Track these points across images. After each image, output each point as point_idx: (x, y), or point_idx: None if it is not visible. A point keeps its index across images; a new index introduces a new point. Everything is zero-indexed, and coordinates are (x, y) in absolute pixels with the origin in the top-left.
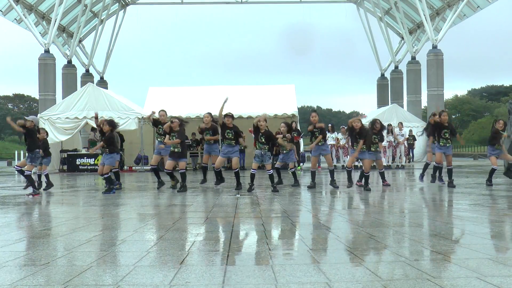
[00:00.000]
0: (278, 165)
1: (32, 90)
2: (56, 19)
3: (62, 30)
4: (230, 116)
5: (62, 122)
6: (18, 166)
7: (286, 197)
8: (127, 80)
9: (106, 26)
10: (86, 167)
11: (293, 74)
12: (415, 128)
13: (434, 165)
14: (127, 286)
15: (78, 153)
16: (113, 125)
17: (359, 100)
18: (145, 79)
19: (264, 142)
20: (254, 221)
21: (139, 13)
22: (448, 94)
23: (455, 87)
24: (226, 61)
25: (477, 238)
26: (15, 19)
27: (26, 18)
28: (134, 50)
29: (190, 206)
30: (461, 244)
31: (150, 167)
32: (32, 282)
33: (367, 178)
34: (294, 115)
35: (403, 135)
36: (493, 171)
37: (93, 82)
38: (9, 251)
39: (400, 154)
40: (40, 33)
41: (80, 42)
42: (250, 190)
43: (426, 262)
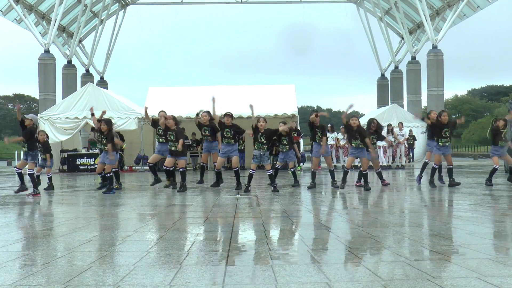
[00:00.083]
0: (278, 165)
1: (32, 90)
2: (56, 19)
3: (62, 30)
4: (229, 115)
5: (62, 122)
6: (18, 168)
7: (286, 197)
8: (127, 80)
9: (106, 26)
10: (86, 167)
11: (293, 74)
12: (415, 128)
13: (433, 166)
14: (127, 286)
15: (78, 153)
16: (110, 124)
17: (359, 100)
18: (145, 79)
19: (263, 142)
20: (254, 221)
21: (139, 13)
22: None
23: (455, 87)
24: (226, 61)
25: (477, 238)
26: (15, 19)
27: (26, 18)
28: (134, 50)
29: (190, 206)
30: (461, 244)
31: (148, 164)
32: (32, 282)
33: (366, 176)
34: (294, 115)
35: (403, 135)
36: (494, 171)
37: (93, 82)
38: (9, 251)
39: (400, 154)
40: (40, 33)
41: (80, 42)
42: (246, 190)
43: (426, 262)
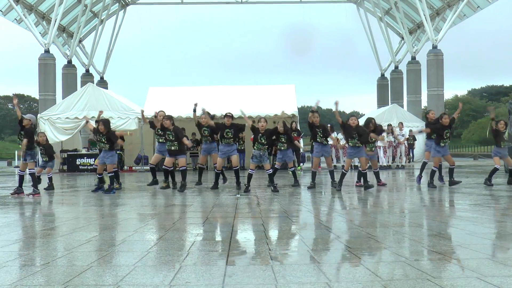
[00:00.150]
0: (277, 165)
1: (32, 90)
2: (56, 19)
3: (62, 30)
4: (229, 116)
5: (62, 122)
6: (21, 171)
7: (286, 197)
8: (127, 80)
9: (106, 26)
10: (86, 167)
11: (293, 74)
12: (416, 128)
13: (432, 169)
14: (127, 286)
15: (78, 153)
16: (108, 125)
17: (359, 100)
18: (145, 79)
19: (263, 143)
20: (254, 221)
21: (139, 13)
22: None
23: (455, 87)
24: (226, 61)
25: (477, 238)
26: (15, 19)
27: (26, 18)
28: (134, 50)
29: (190, 206)
30: (461, 244)
31: (149, 166)
32: (32, 282)
33: (365, 175)
34: (294, 115)
35: (403, 135)
36: (494, 171)
37: (93, 82)
38: (9, 251)
39: (400, 154)
40: (40, 33)
41: (80, 42)
42: (246, 190)
43: (426, 262)
